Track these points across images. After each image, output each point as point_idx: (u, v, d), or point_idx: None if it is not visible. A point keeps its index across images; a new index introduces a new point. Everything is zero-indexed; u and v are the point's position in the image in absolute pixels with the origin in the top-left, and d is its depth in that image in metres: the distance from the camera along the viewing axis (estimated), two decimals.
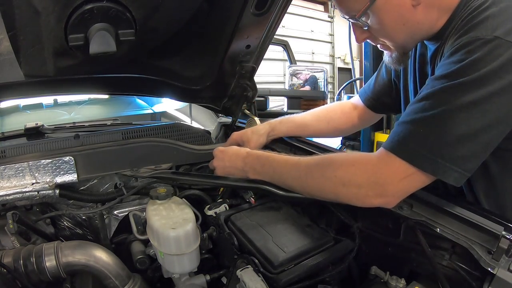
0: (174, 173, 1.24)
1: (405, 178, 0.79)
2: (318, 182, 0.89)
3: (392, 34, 0.93)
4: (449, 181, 0.76)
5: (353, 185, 0.83)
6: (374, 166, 0.82)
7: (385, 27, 0.92)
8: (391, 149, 0.80)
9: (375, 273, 0.84)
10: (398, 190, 0.81)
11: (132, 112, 2.67)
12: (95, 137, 1.24)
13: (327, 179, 0.87)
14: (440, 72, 0.79)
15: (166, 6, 0.92)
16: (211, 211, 1.05)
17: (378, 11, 0.88)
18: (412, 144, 0.77)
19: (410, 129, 0.79)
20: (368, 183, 0.81)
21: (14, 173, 1.08)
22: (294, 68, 3.39)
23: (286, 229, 0.96)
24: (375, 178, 0.81)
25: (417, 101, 0.80)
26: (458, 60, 0.76)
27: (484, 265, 0.69)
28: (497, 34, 0.73)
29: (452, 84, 0.75)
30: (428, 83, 0.81)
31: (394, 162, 0.78)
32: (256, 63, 1.38)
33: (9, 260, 0.90)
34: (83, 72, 1.17)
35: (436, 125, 0.76)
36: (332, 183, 0.86)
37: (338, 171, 0.85)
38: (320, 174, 0.88)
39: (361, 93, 1.35)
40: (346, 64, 10.91)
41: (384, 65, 1.25)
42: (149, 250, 1.03)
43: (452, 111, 0.74)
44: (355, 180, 0.83)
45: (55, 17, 0.82)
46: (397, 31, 0.91)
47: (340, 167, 0.86)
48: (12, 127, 1.71)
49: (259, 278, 0.78)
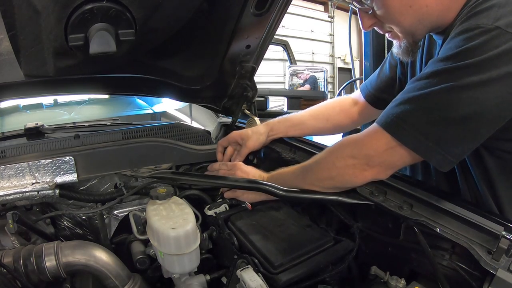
0: (174, 173, 1.24)
1: (388, 150, 0.83)
2: (317, 171, 0.96)
3: (398, 18, 0.90)
4: (432, 162, 0.78)
5: (345, 159, 0.89)
6: (362, 138, 0.88)
7: (390, 10, 0.89)
8: (378, 122, 0.85)
9: (375, 273, 0.84)
10: (383, 160, 0.85)
11: (132, 112, 2.67)
12: (95, 137, 1.24)
13: (323, 168, 0.95)
14: (438, 55, 0.80)
15: (166, 6, 0.92)
16: (211, 211, 1.05)
17: None
18: (398, 119, 0.80)
19: (399, 105, 0.81)
20: (357, 154, 0.88)
21: (14, 173, 1.08)
22: (294, 68, 3.39)
23: (286, 229, 0.96)
24: (362, 149, 0.87)
25: (413, 81, 0.82)
26: (456, 46, 0.76)
27: (484, 265, 0.69)
28: (499, 24, 0.72)
29: (446, 68, 0.76)
30: (427, 66, 0.82)
31: (379, 133, 0.83)
32: (256, 63, 1.37)
33: (9, 260, 0.90)
34: (83, 72, 1.17)
35: (424, 104, 0.78)
36: (327, 166, 0.93)
37: (332, 154, 0.94)
38: (323, 165, 0.95)
39: (362, 88, 1.33)
40: (346, 64, 10.92)
41: (388, 61, 1.23)
42: (149, 250, 1.03)
43: (441, 93, 0.75)
44: (346, 153, 0.90)
45: (55, 17, 0.82)
46: (404, 15, 0.88)
47: (334, 150, 0.94)
48: (12, 127, 1.71)
49: (259, 278, 0.78)
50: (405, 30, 0.93)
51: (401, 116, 0.79)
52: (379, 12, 0.91)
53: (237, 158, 1.30)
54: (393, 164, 0.86)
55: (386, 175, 0.89)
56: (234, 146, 1.34)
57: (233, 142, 1.33)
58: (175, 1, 0.94)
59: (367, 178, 0.89)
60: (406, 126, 0.78)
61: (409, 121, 0.78)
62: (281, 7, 1.16)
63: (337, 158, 0.91)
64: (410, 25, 0.91)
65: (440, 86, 0.75)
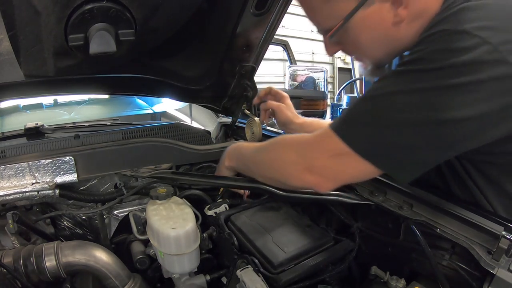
0: (174, 173, 1.24)
1: (335, 156, 0.74)
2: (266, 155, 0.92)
3: (368, 52, 0.85)
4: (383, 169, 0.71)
5: (289, 153, 0.83)
6: (310, 139, 0.80)
7: (360, 46, 0.83)
8: (331, 124, 0.76)
9: (375, 273, 0.84)
10: (327, 167, 0.76)
11: (132, 112, 2.67)
12: (95, 137, 1.24)
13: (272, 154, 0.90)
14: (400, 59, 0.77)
15: (166, 6, 0.92)
16: (211, 211, 1.05)
17: (353, 29, 0.78)
18: (351, 122, 0.73)
19: (352, 108, 0.75)
20: (301, 152, 0.80)
21: (14, 173, 1.07)
22: (294, 68, 3.39)
23: (286, 229, 0.96)
24: (307, 150, 0.79)
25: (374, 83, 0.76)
26: (419, 49, 0.68)
27: (484, 265, 0.69)
28: (467, 27, 0.63)
29: (404, 70, 0.69)
30: None
31: (328, 136, 0.74)
32: (256, 63, 1.37)
33: (9, 260, 0.90)
34: (83, 72, 1.17)
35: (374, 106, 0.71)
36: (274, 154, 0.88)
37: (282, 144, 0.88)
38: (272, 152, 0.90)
39: None
40: (346, 64, 10.90)
41: None
42: (149, 250, 1.03)
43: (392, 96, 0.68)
44: (293, 147, 0.83)
45: (55, 17, 0.82)
46: (375, 50, 0.82)
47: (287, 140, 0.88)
48: (12, 127, 1.70)
49: (259, 278, 0.78)
50: (373, 60, 0.87)
51: (354, 120, 0.73)
52: (348, 46, 0.85)
53: None
54: (337, 173, 0.77)
55: (327, 187, 0.79)
56: None
57: None
58: (175, 1, 0.94)
59: (305, 182, 0.80)
60: (355, 128, 0.72)
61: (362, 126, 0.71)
62: (281, 7, 1.16)
63: (284, 149, 0.85)
64: (380, 57, 0.85)
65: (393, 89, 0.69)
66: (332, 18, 0.78)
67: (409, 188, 0.89)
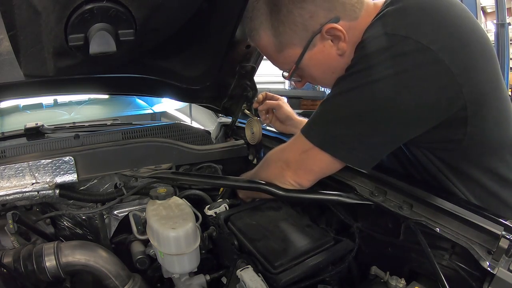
0: (174, 173, 1.24)
1: (304, 152, 0.90)
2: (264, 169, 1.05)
3: (324, 82, 1.01)
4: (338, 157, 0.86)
5: (275, 161, 0.99)
6: (288, 143, 0.98)
7: (316, 78, 1.01)
8: (301, 128, 0.93)
9: (375, 273, 0.84)
10: (299, 162, 0.92)
11: (132, 112, 2.68)
12: (95, 137, 1.24)
13: (266, 166, 1.04)
14: None
15: (166, 6, 0.92)
16: (211, 211, 1.05)
17: (306, 68, 0.96)
18: (312, 122, 0.91)
19: (314, 112, 0.92)
20: (280, 157, 0.97)
21: (14, 173, 1.08)
22: None
23: (286, 229, 0.96)
24: (283, 153, 0.97)
25: None
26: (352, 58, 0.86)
27: (484, 265, 0.69)
28: (387, 31, 0.78)
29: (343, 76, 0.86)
30: None
31: (299, 137, 0.92)
32: (256, 63, 1.38)
33: (9, 260, 0.90)
34: (83, 72, 1.17)
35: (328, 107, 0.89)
36: (267, 165, 1.03)
37: (273, 155, 1.03)
38: (265, 164, 1.05)
39: None
40: None
41: None
42: (149, 250, 1.03)
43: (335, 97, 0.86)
44: (276, 156, 1.00)
45: (55, 17, 0.82)
46: (328, 79, 0.96)
47: (277, 151, 1.02)
48: (12, 127, 1.71)
49: (259, 278, 0.78)
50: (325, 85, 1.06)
51: (315, 120, 0.90)
52: (308, 79, 1.04)
53: None
54: (309, 168, 0.92)
55: (308, 181, 0.94)
56: None
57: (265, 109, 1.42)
58: (175, 1, 0.94)
59: (286, 178, 0.94)
60: (314, 127, 0.89)
61: (319, 124, 0.89)
62: None
63: (272, 159, 1.01)
64: (331, 83, 0.95)
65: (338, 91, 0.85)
66: (287, 63, 0.98)
67: (409, 188, 0.89)
